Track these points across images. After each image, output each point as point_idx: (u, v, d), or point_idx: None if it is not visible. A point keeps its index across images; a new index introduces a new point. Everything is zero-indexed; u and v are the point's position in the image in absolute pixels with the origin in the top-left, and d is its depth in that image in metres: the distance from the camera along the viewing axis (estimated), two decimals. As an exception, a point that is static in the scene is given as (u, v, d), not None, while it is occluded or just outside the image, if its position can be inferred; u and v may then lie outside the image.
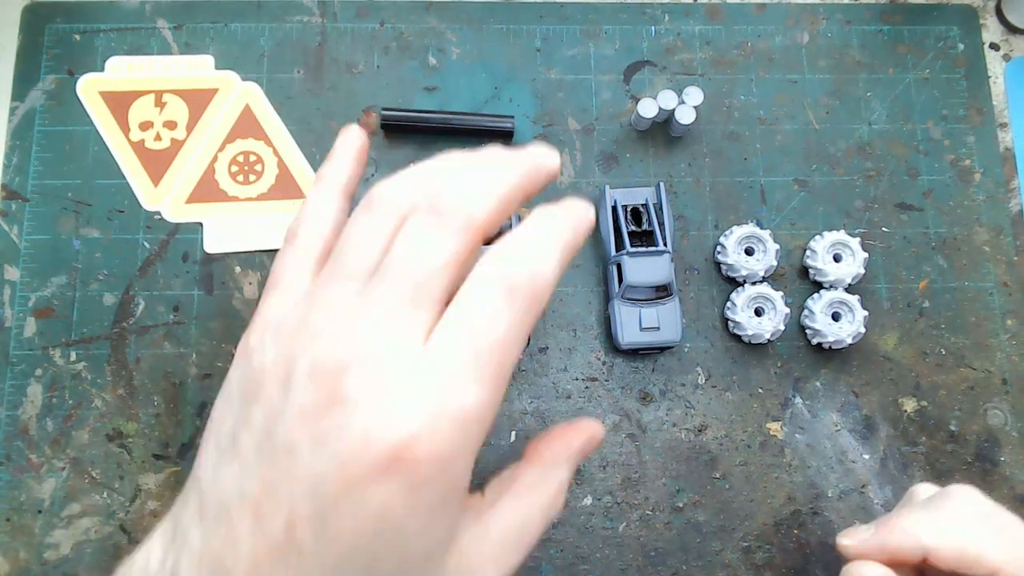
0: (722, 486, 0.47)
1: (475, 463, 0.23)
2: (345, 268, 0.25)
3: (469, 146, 0.51)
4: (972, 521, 0.35)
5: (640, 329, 0.47)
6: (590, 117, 0.52)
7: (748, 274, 0.48)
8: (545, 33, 0.54)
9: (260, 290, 0.49)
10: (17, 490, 0.45)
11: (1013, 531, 0.35)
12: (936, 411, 0.49)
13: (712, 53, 0.54)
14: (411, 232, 0.24)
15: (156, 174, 0.50)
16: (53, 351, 0.47)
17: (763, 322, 0.48)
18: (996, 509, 0.36)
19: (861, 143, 0.53)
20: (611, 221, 0.48)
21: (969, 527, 0.34)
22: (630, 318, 0.47)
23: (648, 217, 0.48)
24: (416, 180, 0.26)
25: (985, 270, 0.51)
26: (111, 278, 0.48)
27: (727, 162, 0.52)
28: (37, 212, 0.49)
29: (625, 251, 0.47)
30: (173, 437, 0.47)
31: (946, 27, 0.55)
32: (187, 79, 0.52)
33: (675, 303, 0.47)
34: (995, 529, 0.35)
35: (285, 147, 0.51)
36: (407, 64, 0.53)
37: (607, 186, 0.49)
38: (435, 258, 0.23)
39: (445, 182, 0.25)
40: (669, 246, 0.47)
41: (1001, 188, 0.52)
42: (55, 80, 0.51)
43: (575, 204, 0.26)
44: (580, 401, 0.48)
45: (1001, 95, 0.54)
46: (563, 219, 0.25)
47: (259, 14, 0.53)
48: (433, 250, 0.23)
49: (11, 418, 0.46)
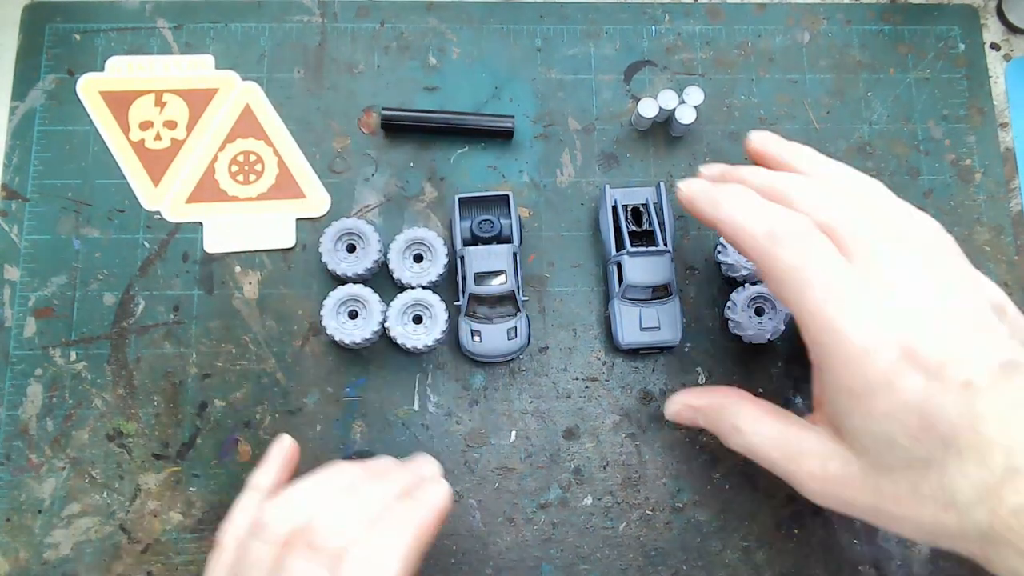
0: (722, 486, 0.47)
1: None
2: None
3: (470, 146, 0.52)
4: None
5: (640, 329, 0.47)
6: (590, 117, 0.52)
7: (749, 274, 0.48)
8: (545, 33, 0.54)
9: (260, 290, 0.49)
10: (17, 490, 0.45)
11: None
12: (937, 411, 0.49)
13: (712, 53, 0.54)
14: (288, 567, 0.32)
15: (156, 174, 0.50)
16: (53, 351, 0.47)
17: (763, 322, 0.48)
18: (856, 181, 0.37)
19: (862, 143, 0.53)
20: (611, 221, 0.48)
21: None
22: (630, 318, 0.47)
23: (648, 217, 0.48)
24: (300, 506, 0.34)
25: (986, 270, 0.51)
26: (111, 278, 0.48)
27: (728, 162, 0.52)
28: (37, 212, 0.49)
29: (625, 251, 0.47)
30: (173, 437, 0.47)
31: (947, 27, 0.55)
32: (187, 79, 0.52)
33: (675, 303, 0.47)
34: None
35: (285, 147, 0.51)
36: (407, 64, 0.53)
37: (607, 186, 0.49)
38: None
39: (326, 512, 0.34)
40: (669, 246, 0.47)
41: (1002, 188, 0.52)
42: (55, 80, 0.51)
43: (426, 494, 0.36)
44: (580, 401, 0.48)
45: (1002, 95, 0.54)
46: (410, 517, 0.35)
47: (259, 14, 0.53)
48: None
49: (11, 418, 0.46)
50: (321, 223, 0.50)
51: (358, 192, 0.51)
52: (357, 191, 0.51)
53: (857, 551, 0.46)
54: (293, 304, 0.49)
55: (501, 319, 0.47)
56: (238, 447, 0.47)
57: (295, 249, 0.50)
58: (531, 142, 0.52)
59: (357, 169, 0.51)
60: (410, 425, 0.47)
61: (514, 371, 0.48)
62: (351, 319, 0.47)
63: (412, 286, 0.47)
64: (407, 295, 0.46)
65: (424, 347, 0.46)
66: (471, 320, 0.47)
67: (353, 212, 0.50)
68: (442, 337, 0.46)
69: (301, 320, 0.48)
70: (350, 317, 0.47)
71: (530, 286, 0.50)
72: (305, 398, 0.47)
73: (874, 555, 0.46)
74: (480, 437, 0.47)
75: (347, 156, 0.51)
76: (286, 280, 0.49)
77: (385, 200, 0.51)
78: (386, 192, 0.51)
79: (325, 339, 0.48)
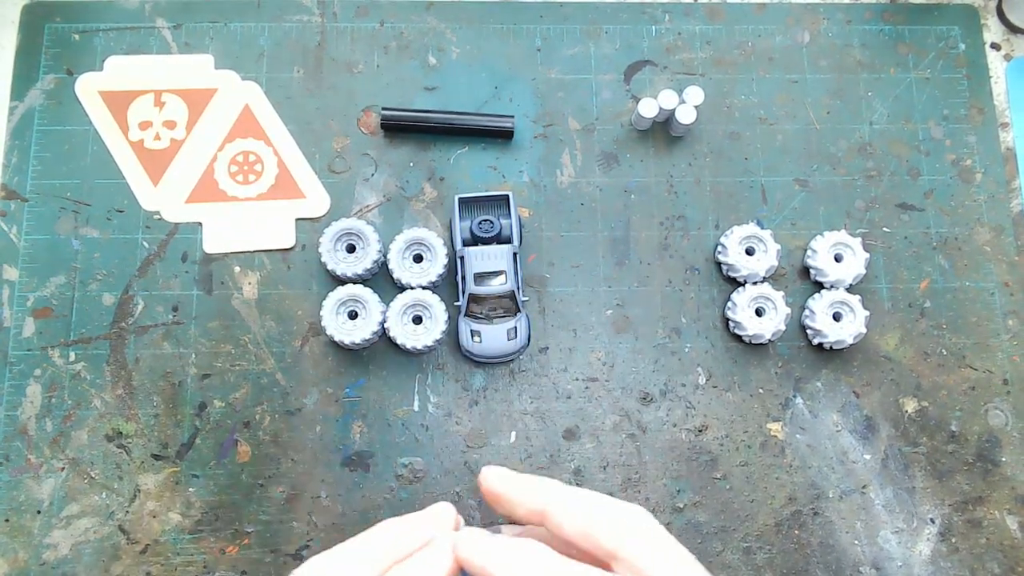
0: (723, 486, 0.47)
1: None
2: None
3: (469, 146, 0.51)
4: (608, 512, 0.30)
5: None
6: (590, 117, 0.52)
7: (749, 274, 0.48)
8: (545, 33, 0.54)
9: (259, 290, 0.49)
10: (16, 490, 0.45)
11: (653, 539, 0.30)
12: (937, 411, 0.49)
13: (713, 53, 0.54)
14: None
15: (155, 174, 0.50)
16: (52, 351, 0.47)
17: (764, 322, 0.48)
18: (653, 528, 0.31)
19: (862, 143, 0.52)
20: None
21: (605, 511, 0.30)
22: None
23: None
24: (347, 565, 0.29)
25: (986, 270, 0.51)
26: (110, 278, 0.48)
27: (728, 162, 0.52)
28: (36, 212, 0.49)
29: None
30: (172, 437, 0.46)
31: (947, 27, 0.55)
32: (186, 78, 0.51)
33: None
34: (631, 528, 0.30)
35: (285, 147, 0.51)
36: (407, 64, 0.53)
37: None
38: None
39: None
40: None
41: (1002, 188, 0.52)
42: (54, 80, 0.51)
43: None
44: (580, 401, 0.48)
45: (1002, 95, 0.54)
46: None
47: (258, 13, 0.53)
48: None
49: (10, 418, 0.46)
50: (321, 223, 0.50)
51: (358, 192, 0.51)
52: (357, 191, 0.51)
53: (857, 551, 0.46)
54: (292, 304, 0.49)
55: (501, 319, 0.47)
56: (237, 447, 0.47)
57: (295, 249, 0.49)
58: (531, 142, 0.52)
59: (357, 169, 0.51)
60: (410, 425, 0.47)
61: (514, 371, 0.48)
62: (351, 319, 0.46)
63: (412, 286, 0.47)
64: (407, 295, 0.46)
65: (424, 347, 0.46)
66: (471, 320, 0.47)
67: (353, 212, 0.50)
68: (442, 337, 0.46)
69: (301, 320, 0.48)
70: (350, 317, 0.47)
71: (530, 286, 0.50)
72: (305, 398, 0.47)
73: (874, 555, 0.46)
74: (480, 437, 0.47)
75: (347, 156, 0.51)
76: (286, 280, 0.49)
77: (385, 200, 0.51)
78: (386, 192, 0.51)
79: (325, 339, 0.48)
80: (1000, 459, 0.48)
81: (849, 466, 0.47)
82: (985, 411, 0.49)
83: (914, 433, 0.48)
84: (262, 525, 0.45)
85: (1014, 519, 0.47)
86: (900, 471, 0.48)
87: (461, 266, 0.47)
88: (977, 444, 0.48)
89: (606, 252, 0.50)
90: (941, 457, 0.48)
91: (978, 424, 0.48)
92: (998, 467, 0.48)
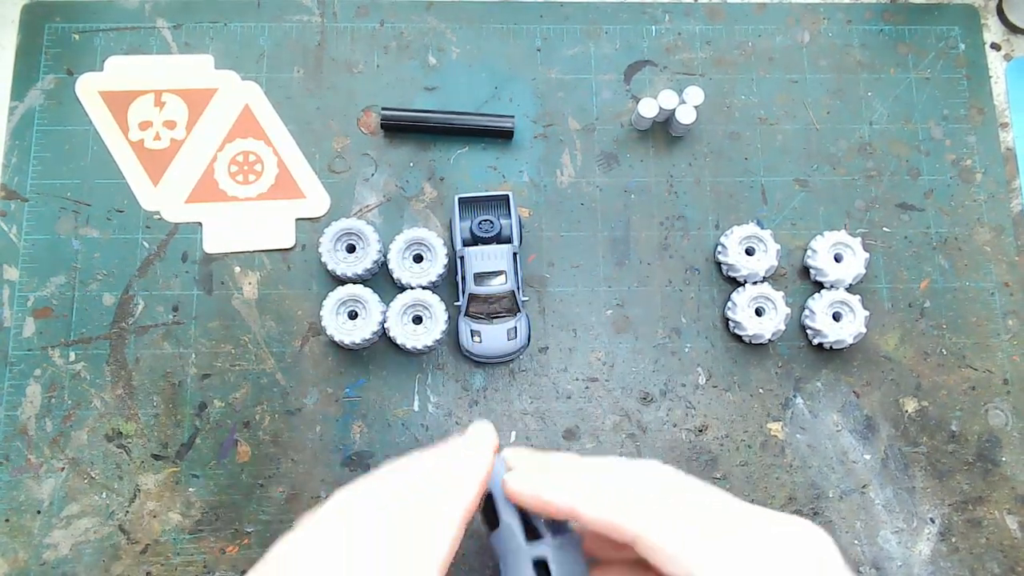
0: (723, 486, 0.47)
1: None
2: None
3: (469, 146, 0.51)
4: (632, 490, 0.32)
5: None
6: (590, 117, 0.52)
7: (749, 274, 0.48)
8: (545, 33, 0.54)
9: (259, 290, 0.49)
10: (16, 490, 0.45)
11: (683, 497, 0.32)
12: (937, 411, 0.49)
13: (713, 53, 0.54)
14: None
15: (155, 174, 0.50)
16: (52, 351, 0.47)
17: (764, 322, 0.48)
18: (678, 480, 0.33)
19: (862, 143, 0.52)
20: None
21: (626, 497, 0.31)
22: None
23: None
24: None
25: (986, 270, 0.51)
26: (110, 278, 0.48)
27: (728, 162, 0.52)
28: (36, 212, 0.49)
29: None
30: (172, 437, 0.46)
31: (947, 27, 0.55)
32: (186, 78, 0.52)
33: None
34: (658, 497, 0.31)
35: (285, 147, 0.51)
36: (407, 64, 0.53)
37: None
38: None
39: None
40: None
41: (1002, 188, 0.52)
42: (54, 80, 0.51)
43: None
44: (580, 401, 0.48)
45: (1002, 95, 0.54)
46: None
47: (258, 13, 0.53)
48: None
49: (10, 418, 0.46)
50: (321, 223, 0.50)
51: (358, 192, 0.51)
52: (357, 191, 0.51)
53: (857, 551, 0.46)
54: (293, 304, 0.49)
55: (501, 319, 0.47)
56: (237, 447, 0.47)
57: (295, 249, 0.49)
58: (531, 142, 0.52)
59: (357, 169, 0.51)
60: (410, 425, 0.47)
61: (514, 371, 0.48)
62: (351, 319, 0.47)
63: (412, 286, 0.47)
64: (407, 295, 0.46)
65: (424, 347, 0.46)
66: (471, 320, 0.47)
67: (353, 212, 0.50)
68: (442, 337, 0.46)
69: (301, 320, 0.48)
70: (350, 317, 0.47)
71: (530, 286, 0.50)
72: (305, 398, 0.47)
73: (874, 555, 0.46)
74: (480, 437, 0.47)
75: (347, 156, 0.51)
76: (286, 280, 0.49)
77: (385, 200, 0.51)
78: (386, 192, 0.51)
79: (325, 339, 0.48)
80: (1000, 459, 0.48)
81: (849, 466, 0.48)
82: (985, 411, 0.49)
83: (914, 433, 0.48)
84: (262, 525, 0.45)
85: (1014, 519, 0.47)
86: (900, 471, 0.48)
87: (461, 266, 0.47)
88: (977, 444, 0.48)
89: (606, 252, 0.50)
90: (941, 457, 0.48)
91: (978, 424, 0.48)
92: (998, 467, 0.48)
